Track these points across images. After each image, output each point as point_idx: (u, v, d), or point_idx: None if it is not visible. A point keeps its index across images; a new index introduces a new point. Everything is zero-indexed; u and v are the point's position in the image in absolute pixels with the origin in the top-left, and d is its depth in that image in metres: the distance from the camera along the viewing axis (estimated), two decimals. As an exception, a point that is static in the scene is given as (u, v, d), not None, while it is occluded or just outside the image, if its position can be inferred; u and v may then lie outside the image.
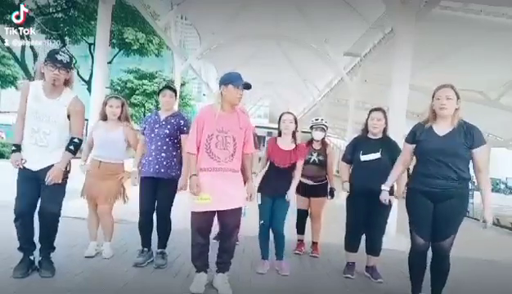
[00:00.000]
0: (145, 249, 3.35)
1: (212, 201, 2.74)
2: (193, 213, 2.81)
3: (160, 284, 2.93)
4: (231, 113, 2.85)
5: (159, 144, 3.30)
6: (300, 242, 4.21)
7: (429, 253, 2.85)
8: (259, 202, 3.42)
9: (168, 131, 3.32)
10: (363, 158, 3.41)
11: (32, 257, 2.86)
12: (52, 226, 2.87)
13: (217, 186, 2.76)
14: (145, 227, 3.35)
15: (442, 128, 2.74)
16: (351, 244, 3.53)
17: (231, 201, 2.80)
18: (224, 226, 2.96)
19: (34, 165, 2.77)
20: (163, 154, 3.29)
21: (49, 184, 2.72)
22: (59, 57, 2.70)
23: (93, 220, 3.48)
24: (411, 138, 2.90)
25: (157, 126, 3.34)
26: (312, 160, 3.99)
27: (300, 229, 4.21)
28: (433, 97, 2.78)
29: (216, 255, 2.95)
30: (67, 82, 2.83)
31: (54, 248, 2.94)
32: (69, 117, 2.82)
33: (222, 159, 2.78)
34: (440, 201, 2.71)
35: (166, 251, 3.40)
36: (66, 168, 2.85)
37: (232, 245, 2.95)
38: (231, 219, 2.85)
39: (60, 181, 2.79)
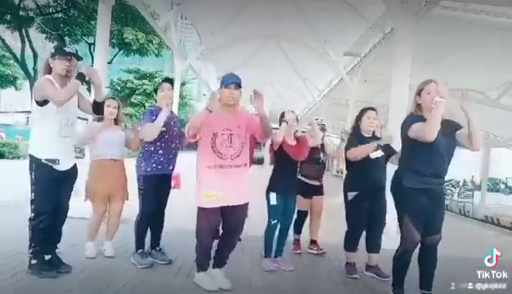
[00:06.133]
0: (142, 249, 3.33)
1: (221, 197, 2.74)
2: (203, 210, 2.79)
3: (161, 283, 2.93)
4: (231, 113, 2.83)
5: (177, 141, 3.34)
6: (297, 242, 4.23)
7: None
8: (274, 203, 3.43)
9: (181, 130, 3.37)
10: (373, 155, 3.33)
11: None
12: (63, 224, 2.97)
13: (224, 183, 2.74)
14: (149, 226, 3.33)
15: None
16: (354, 244, 3.51)
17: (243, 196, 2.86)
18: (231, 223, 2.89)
19: (63, 164, 2.82)
20: (178, 152, 3.34)
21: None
22: (67, 49, 2.83)
23: (97, 222, 3.41)
24: None
25: (172, 123, 3.31)
26: (321, 160, 4.07)
27: (298, 229, 4.22)
28: (419, 92, 2.72)
29: (214, 251, 2.96)
30: None
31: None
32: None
33: (229, 157, 2.78)
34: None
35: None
36: None
37: (237, 241, 3.02)
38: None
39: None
